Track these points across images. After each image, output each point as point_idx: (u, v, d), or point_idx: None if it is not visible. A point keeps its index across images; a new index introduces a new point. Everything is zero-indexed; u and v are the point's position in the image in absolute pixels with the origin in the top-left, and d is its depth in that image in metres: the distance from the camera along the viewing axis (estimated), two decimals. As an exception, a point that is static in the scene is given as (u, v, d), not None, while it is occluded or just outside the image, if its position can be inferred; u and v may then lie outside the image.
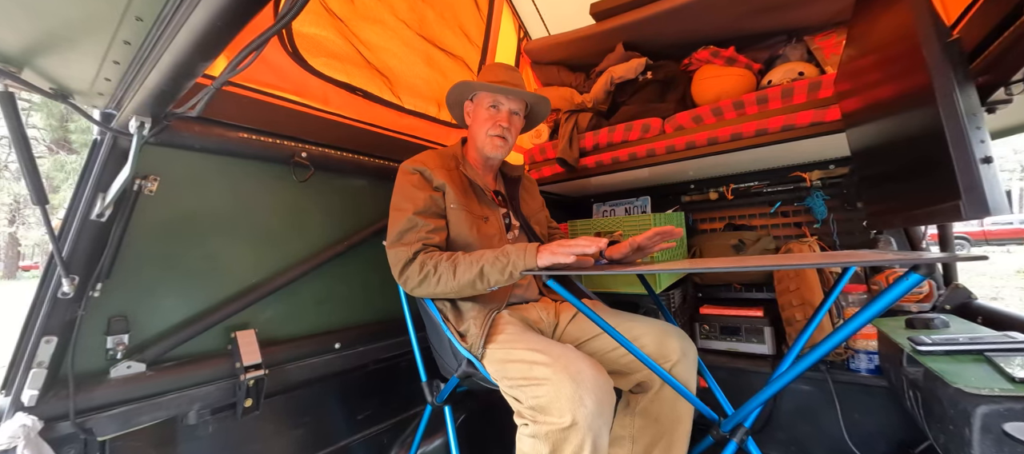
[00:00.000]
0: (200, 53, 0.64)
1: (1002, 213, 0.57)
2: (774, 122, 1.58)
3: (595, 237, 0.98)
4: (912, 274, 0.63)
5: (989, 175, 0.57)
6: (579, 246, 0.95)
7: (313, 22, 1.32)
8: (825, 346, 0.78)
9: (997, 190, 0.57)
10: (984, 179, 0.55)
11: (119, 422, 0.98)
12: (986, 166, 0.57)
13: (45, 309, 0.89)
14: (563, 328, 1.25)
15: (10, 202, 16.51)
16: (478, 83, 1.28)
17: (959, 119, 0.56)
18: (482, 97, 1.30)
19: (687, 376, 1.10)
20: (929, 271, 0.60)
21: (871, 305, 0.67)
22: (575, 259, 0.96)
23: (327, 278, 1.42)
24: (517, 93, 1.28)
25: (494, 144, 1.27)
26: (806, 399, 1.65)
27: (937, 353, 0.99)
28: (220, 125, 1.14)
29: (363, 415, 1.50)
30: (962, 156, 0.56)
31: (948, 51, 0.58)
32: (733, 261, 0.99)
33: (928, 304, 1.49)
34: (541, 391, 0.87)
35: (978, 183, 0.55)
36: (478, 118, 1.30)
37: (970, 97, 0.60)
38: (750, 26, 1.90)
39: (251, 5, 0.54)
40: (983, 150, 0.57)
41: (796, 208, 2.00)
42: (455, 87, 1.31)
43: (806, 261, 0.73)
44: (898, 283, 0.65)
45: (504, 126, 1.27)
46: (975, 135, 0.57)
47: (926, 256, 0.59)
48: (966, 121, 0.55)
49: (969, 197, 0.56)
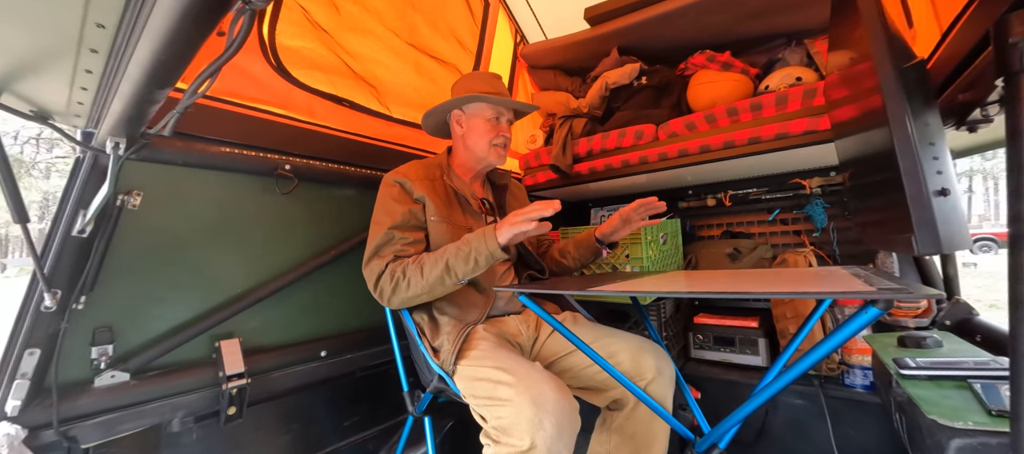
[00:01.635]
0: (155, 82, 0.65)
1: (960, 248, 0.55)
2: (767, 130, 1.54)
3: (550, 201, 0.97)
4: (870, 308, 0.61)
5: (944, 208, 0.54)
6: (535, 210, 0.95)
7: (298, 35, 1.33)
8: (791, 373, 0.76)
9: (955, 223, 0.54)
10: (938, 214, 0.53)
11: (102, 430, 1.01)
12: (941, 199, 0.54)
13: (28, 322, 0.92)
14: (543, 342, 1.24)
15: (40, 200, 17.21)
16: (482, 95, 1.27)
17: (912, 149, 0.53)
18: (480, 108, 1.30)
19: (663, 394, 1.09)
20: (887, 306, 0.58)
21: (827, 340, 0.65)
22: (535, 225, 0.96)
23: (314, 287, 1.44)
24: (517, 105, 1.33)
25: (499, 153, 1.31)
26: (799, 413, 1.61)
27: (920, 378, 0.96)
28: (202, 140, 1.16)
29: (350, 422, 1.52)
30: (915, 188, 0.53)
31: (904, 76, 0.55)
32: (701, 284, 0.97)
33: (927, 319, 1.44)
34: (504, 411, 0.87)
35: (930, 218, 0.53)
36: (476, 129, 1.30)
37: (927, 125, 0.57)
38: (748, 29, 1.86)
39: (192, 44, 0.55)
40: (939, 182, 0.55)
41: (795, 216, 1.95)
42: (456, 98, 1.30)
43: (768, 287, 0.71)
44: (856, 317, 0.63)
45: (506, 136, 1.31)
46: (930, 166, 0.54)
47: (887, 290, 0.57)
48: (920, 153, 0.52)
49: (921, 232, 0.54)
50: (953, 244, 0.54)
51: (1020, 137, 0.52)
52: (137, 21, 0.54)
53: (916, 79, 0.60)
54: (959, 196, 0.58)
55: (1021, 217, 0.52)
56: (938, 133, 0.60)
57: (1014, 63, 0.53)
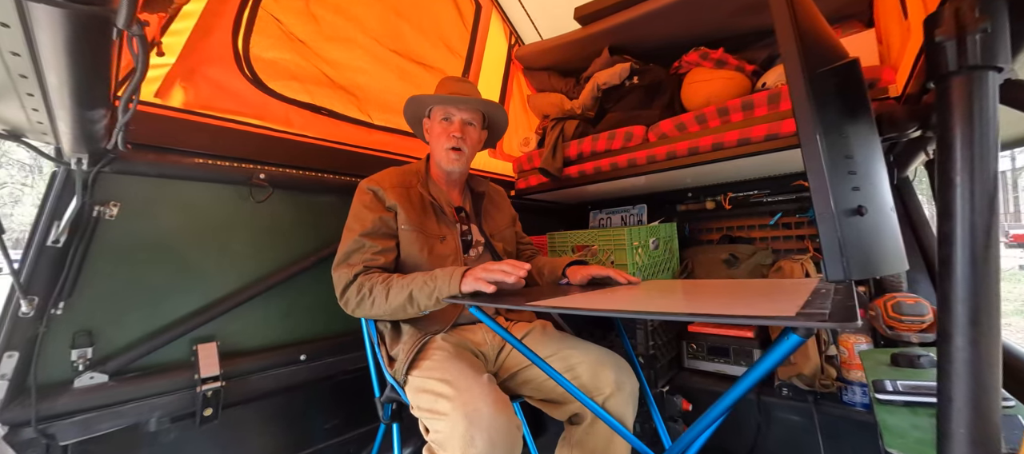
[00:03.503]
0: (80, 104, 0.68)
1: (883, 272, 0.48)
2: (758, 131, 1.46)
3: (520, 262, 0.95)
4: (791, 334, 0.56)
5: (860, 229, 0.48)
6: (498, 274, 0.93)
7: (273, 47, 1.37)
8: (725, 401, 0.71)
9: (876, 245, 0.48)
10: (847, 236, 0.47)
11: (80, 428, 1.07)
12: (854, 219, 0.48)
13: (6, 326, 0.99)
14: (507, 352, 1.22)
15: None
16: (428, 97, 1.28)
17: (820, 165, 0.47)
18: (435, 111, 1.29)
19: (622, 410, 1.05)
20: (807, 333, 0.53)
21: (751, 371, 0.60)
22: (493, 288, 0.93)
23: (294, 291, 1.47)
24: (467, 102, 1.26)
25: (449, 157, 1.26)
26: (794, 431, 1.52)
27: (896, 403, 0.88)
28: (176, 152, 1.20)
29: (330, 424, 1.55)
30: (821, 208, 0.47)
31: (820, 82, 0.49)
32: (669, 306, 0.92)
33: (932, 334, 1.33)
34: (440, 426, 0.86)
35: (834, 241, 0.47)
36: (433, 133, 1.29)
37: (844, 136, 0.51)
38: (745, 24, 1.76)
39: (92, 69, 0.57)
40: (854, 199, 0.49)
41: (799, 219, 1.84)
42: (407, 106, 1.32)
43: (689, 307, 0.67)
44: (779, 344, 0.58)
45: (458, 137, 1.25)
46: (843, 182, 0.48)
47: (813, 318, 0.52)
48: (828, 168, 0.47)
49: (827, 256, 0.48)
50: (870, 269, 0.48)
51: (951, 150, 0.46)
52: (37, 51, 0.56)
53: (838, 83, 0.54)
54: (887, 213, 0.52)
55: (950, 239, 0.46)
56: (863, 144, 0.54)
57: (941, 65, 0.47)
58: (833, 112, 0.50)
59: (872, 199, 0.51)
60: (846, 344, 1.39)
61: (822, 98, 0.48)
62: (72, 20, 0.49)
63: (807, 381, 1.41)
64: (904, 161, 1.38)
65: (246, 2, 1.32)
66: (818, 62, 0.51)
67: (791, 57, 0.49)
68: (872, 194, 0.51)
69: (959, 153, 0.44)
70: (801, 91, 0.48)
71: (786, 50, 0.50)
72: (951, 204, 0.45)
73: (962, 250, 0.43)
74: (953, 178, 0.45)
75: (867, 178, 0.52)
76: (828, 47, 0.57)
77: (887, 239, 0.53)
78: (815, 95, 0.47)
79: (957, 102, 0.44)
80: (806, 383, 1.41)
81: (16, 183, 15.35)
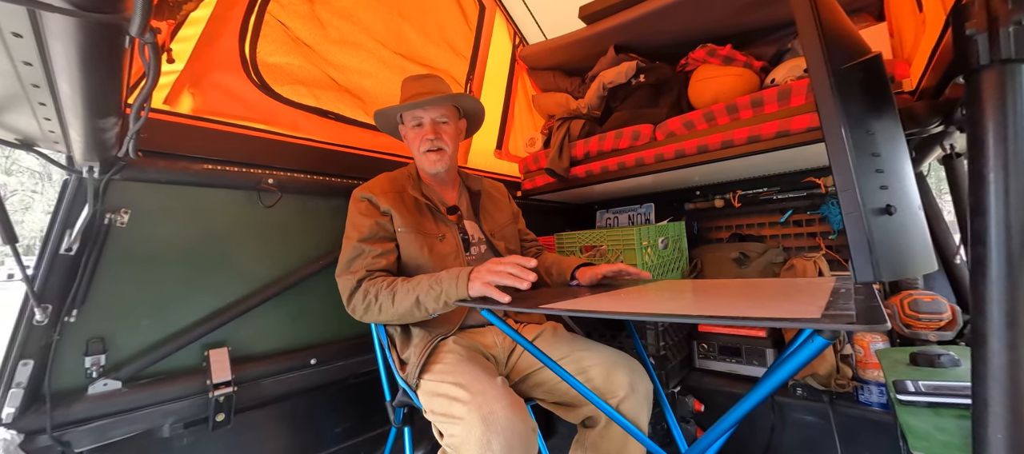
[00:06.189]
0: (92, 113, 0.68)
1: (914, 273, 0.47)
2: (768, 128, 1.44)
3: (527, 259, 0.93)
4: (817, 337, 0.55)
5: (888, 229, 0.47)
6: (506, 276, 0.92)
7: (279, 52, 1.37)
8: (743, 406, 0.69)
9: (904, 245, 0.47)
10: (875, 236, 0.45)
11: (95, 435, 1.07)
12: (883, 218, 0.47)
13: (21, 335, 0.99)
14: (519, 355, 1.22)
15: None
16: (392, 108, 1.27)
17: (847, 161, 0.46)
18: (405, 117, 1.29)
19: (636, 412, 1.04)
20: (833, 336, 0.52)
21: (772, 375, 0.59)
22: (507, 298, 0.92)
23: (303, 295, 1.47)
24: (432, 101, 1.24)
25: (430, 160, 1.25)
26: (809, 432, 1.50)
27: (919, 404, 0.86)
28: (185, 159, 1.21)
29: (342, 428, 1.55)
30: (849, 207, 0.46)
31: (843, 78, 0.48)
32: (687, 308, 0.91)
33: (951, 332, 1.30)
34: (456, 430, 0.86)
35: (864, 241, 0.46)
36: (409, 139, 1.29)
37: (870, 134, 0.49)
38: (754, 19, 1.75)
39: (105, 79, 0.57)
40: (882, 198, 0.47)
41: (810, 217, 1.82)
42: (377, 119, 1.33)
43: (703, 309, 0.65)
44: (804, 347, 0.57)
45: (431, 138, 1.24)
46: (870, 181, 0.47)
47: (840, 320, 0.50)
48: (855, 165, 0.46)
49: (855, 257, 0.47)
50: (899, 270, 0.47)
51: (983, 146, 0.45)
52: (50, 61, 0.56)
53: (862, 79, 0.53)
54: (915, 212, 0.51)
55: (983, 237, 0.44)
56: (889, 140, 0.52)
57: (972, 59, 0.45)
58: (857, 109, 0.49)
59: (900, 197, 0.50)
60: (862, 343, 1.37)
61: (846, 94, 0.47)
62: (85, 29, 0.49)
63: (822, 381, 1.39)
64: (919, 156, 1.36)
65: (252, 8, 1.32)
66: (841, 57, 0.50)
67: (814, 52, 0.48)
68: (900, 192, 0.50)
69: (992, 149, 0.43)
70: (825, 87, 0.46)
71: (809, 46, 0.48)
72: (984, 201, 0.44)
73: (997, 249, 0.42)
74: (986, 174, 0.44)
75: (894, 176, 0.51)
76: (850, 42, 0.56)
77: (916, 238, 0.52)
78: (839, 91, 0.46)
79: (989, 96, 0.43)
80: (821, 383, 1.39)
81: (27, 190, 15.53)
